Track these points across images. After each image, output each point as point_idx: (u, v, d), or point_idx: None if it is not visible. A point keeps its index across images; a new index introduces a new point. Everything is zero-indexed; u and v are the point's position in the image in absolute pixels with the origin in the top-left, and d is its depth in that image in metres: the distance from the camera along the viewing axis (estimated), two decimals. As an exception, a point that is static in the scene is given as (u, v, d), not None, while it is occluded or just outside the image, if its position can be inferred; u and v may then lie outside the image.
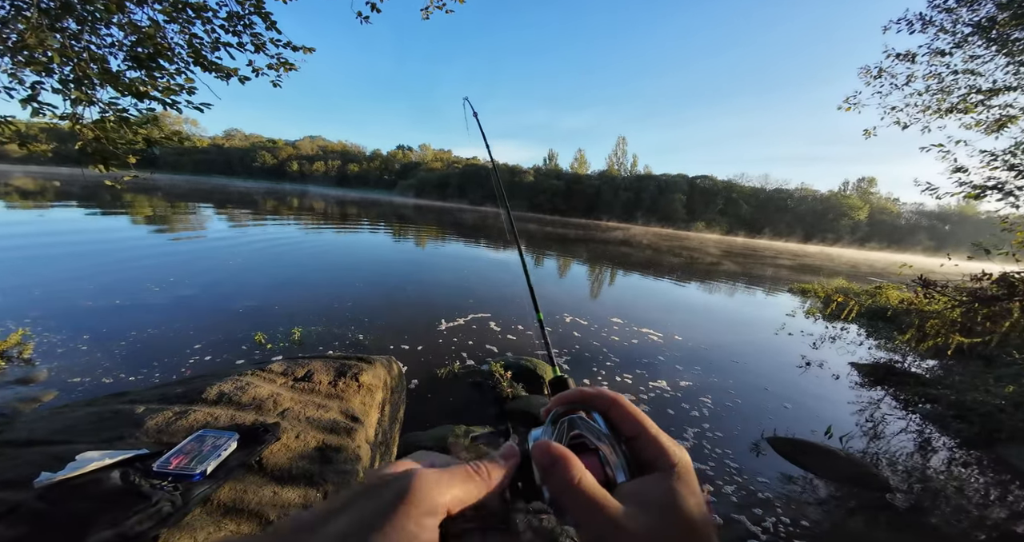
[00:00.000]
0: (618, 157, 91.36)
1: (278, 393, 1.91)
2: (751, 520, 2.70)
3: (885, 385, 5.69)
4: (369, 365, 2.35)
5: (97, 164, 2.67)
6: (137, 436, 1.52)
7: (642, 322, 7.40)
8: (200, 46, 2.76)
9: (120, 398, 1.94)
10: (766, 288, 14.41)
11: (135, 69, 2.52)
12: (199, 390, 1.88)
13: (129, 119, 2.74)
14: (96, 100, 2.46)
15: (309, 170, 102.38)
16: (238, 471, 1.40)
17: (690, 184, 79.71)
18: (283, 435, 1.62)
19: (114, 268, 7.26)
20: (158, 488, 1.19)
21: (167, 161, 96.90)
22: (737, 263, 22.85)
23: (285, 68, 3.39)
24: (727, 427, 3.93)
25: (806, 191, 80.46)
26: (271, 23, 3.05)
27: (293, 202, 34.74)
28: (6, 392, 3.26)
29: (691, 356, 5.88)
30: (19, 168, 58.72)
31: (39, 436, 1.50)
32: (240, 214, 20.26)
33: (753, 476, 3.20)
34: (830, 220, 75.96)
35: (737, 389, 4.89)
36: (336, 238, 15.24)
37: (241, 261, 8.87)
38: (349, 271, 8.97)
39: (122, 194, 24.31)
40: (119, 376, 3.65)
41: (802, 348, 7.08)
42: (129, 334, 4.48)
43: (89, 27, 2.42)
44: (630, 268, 15.66)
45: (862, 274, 23.68)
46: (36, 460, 1.32)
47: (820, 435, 3.96)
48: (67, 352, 3.98)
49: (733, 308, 10.11)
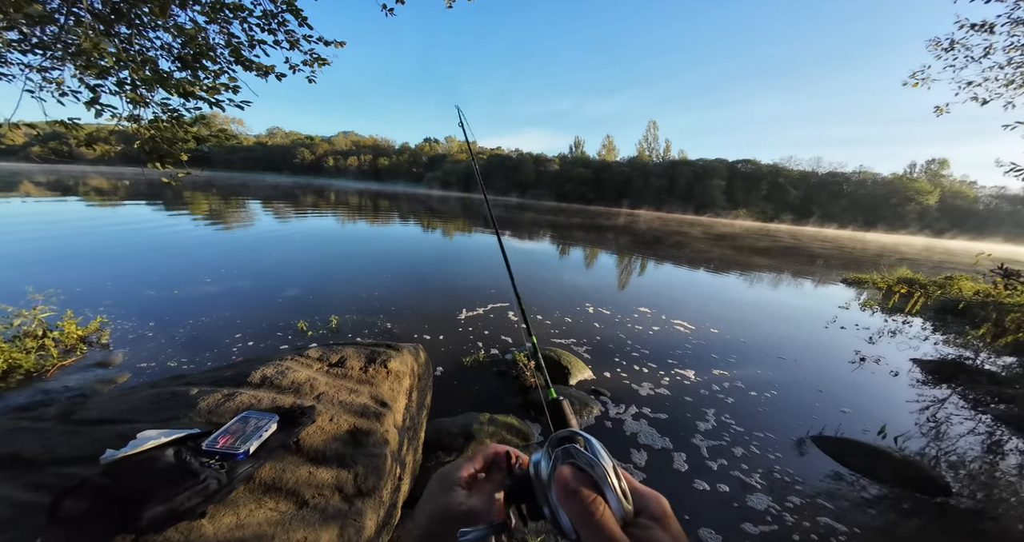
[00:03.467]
0: (649, 143, 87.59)
1: (314, 378, 2.00)
2: (792, 520, 2.56)
3: (952, 383, 5.17)
4: (397, 352, 2.41)
5: (154, 162, 2.88)
6: (190, 416, 1.64)
7: (673, 313, 7.14)
8: (238, 45, 2.87)
9: (178, 380, 2.10)
10: (815, 279, 13.44)
11: (182, 70, 2.67)
12: (245, 374, 2.00)
13: (180, 118, 2.93)
14: (150, 101, 2.63)
15: (343, 165, 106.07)
16: (278, 451, 1.47)
17: (730, 169, 75.15)
18: (318, 418, 1.69)
19: (173, 260, 7.90)
20: (206, 466, 1.28)
21: (219, 159, 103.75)
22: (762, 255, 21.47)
23: (319, 63, 3.47)
24: (768, 424, 3.73)
25: (865, 174, 73.52)
26: (303, 19, 3.11)
27: (330, 196, 36.22)
28: (87, 374, 3.62)
29: (728, 350, 5.60)
30: (92, 169, 65.15)
31: (108, 415, 1.65)
32: (281, 208, 21.41)
33: (796, 475, 3.02)
34: (893, 205, 69.27)
35: (780, 385, 4.61)
36: (365, 230, 15.75)
37: (283, 253, 9.38)
38: (379, 262, 9.27)
39: (181, 191, 26.37)
40: (180, 360, 3.98)
41: (856, 343, 6.56)
42: (187, 321, 4.87)
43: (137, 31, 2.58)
44: (651, 255, 15.12)
45: (935, 263, 21.54)
46: (104, 437, 1.45)
47: (872, 435, 3.67)
48: (137, 338, 4.38)
49: (776, 300, 9.51)
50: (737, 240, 27.88)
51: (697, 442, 3.33)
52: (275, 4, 3.02)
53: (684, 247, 19.61)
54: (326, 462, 1.51)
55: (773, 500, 2.74)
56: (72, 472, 1.32)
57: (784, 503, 2.72)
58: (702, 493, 2.75)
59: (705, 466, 3.04)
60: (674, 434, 3.42)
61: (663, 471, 2.94)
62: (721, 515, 2.57)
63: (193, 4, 2.58)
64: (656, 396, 4.07)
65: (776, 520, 2.57)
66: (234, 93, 2.77)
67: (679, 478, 2.88)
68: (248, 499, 1.28)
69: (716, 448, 3.28)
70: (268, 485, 1.35)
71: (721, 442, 3.37)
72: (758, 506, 2.67)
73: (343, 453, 1.58)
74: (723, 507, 2.65)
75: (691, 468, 3.00)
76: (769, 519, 2.57)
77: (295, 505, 1.33)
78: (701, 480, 2.87)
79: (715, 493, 2.76)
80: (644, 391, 4.13)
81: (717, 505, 2.65)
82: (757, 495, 2.77)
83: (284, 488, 1.36)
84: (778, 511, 2.64)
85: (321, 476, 1.45)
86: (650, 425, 3.52)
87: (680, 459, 3.09)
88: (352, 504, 1.43)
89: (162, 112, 2.67)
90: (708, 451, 3.23)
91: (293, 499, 1.34)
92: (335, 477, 1.47)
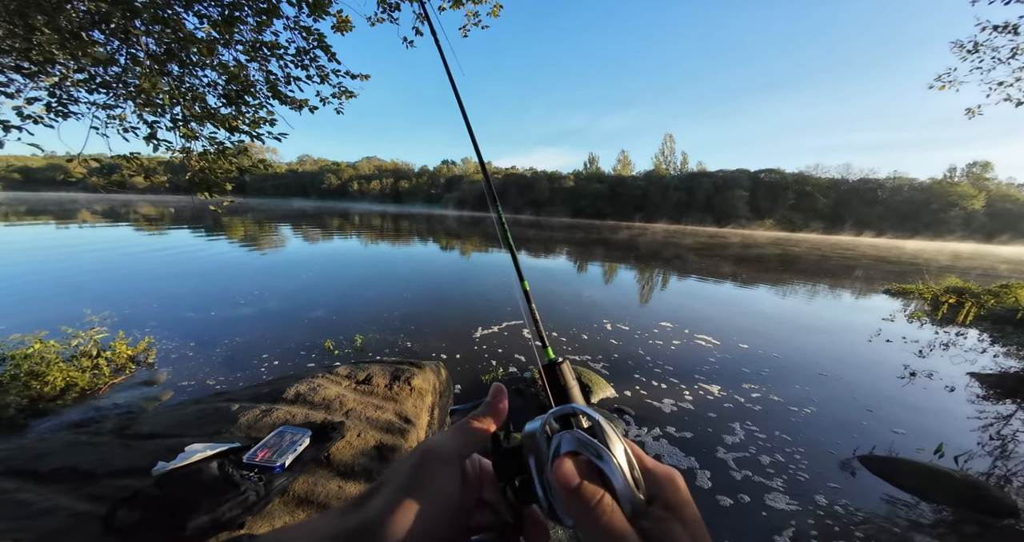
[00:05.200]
0: (665, 156, 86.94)
1: (343, 394, 2.06)
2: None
3: (1017, 398, 4.73)
4: (420, 370, 2.45)
5: (202, 191, 3.12)
6: (232, 431, 1.72)
7: (697, 328, 6.92)
8: (275, 81, 3.13)
9: (220, 397, 2.21)
10: (855, 290, 12.76)
11: (227, 106, 2.93)
12: (281, 390, 2.09)
13: (226, 150, 3.18)
14: (199, 135, 2.89)
15: (367, 189, 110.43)
16: (310, 465, 1.52)
17: (752, 179, 73.39)
18: (347, 433, 1.73)
19: (210, 283, 8.37)
20: (247, 478, 1.33)
21: (253, 187, 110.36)
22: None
23: (346, 96, 3.71)
24: (807, 443, 3.51)
25: (900, 180, 70.17)
26: (332, 55, 3.36)
27: (354, 219, 37.62)
28: (135, 392, 3.84)
29: (760, 366, 5.36)
30: (141, 197, 70.47)
31: (158, 430, 1.75)
32: (309, 231, 22.38)
33: (843, 498, 2.81)
34: (935, 211, 65.50)
35: (820, 401, 4.35)
36: (386, 251, 16.20)
37: (310, 275, 9.77)
38: (398, 282, 9.50)
39: (220, 217, 28.09)
40: (217, 378, 4.16)
41: (904, 356, 6.13)
42: (223, 341, 5.11)
43: (188, 70, 2.86)
44: (669, 269, 14.76)
45: (988, 270, 20.07)
46: (155, 451, 1.54)
47: (928, 454, 3.39)
48: (179, 357, 4.62)
49: (812, 312, 9.07)
50: (749, 249, 26.95)
51: (728, 462, 3.17)
52: (307, 41, 3.29)
53: (679, 258, 19.11)
54: (354, 476, 1.55)
55: (818, 525, 2.55)
56: (126, 484, 1.41)
57: (831, 528, 2.53)
58: (735, 515, 2.60)
59: (737, 487, 2.88)
60: (700, 451, 3.28)
61: (692, 491, 2.80)
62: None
63: (236, 44, 2.85)
64: (681, 413, 3.92)
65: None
66: (271, 126, 3.00)
67: (707, 497, 2.74)
68: (283, 511, 1.32)
69: (749, 469, 3.11)
70: (301, 498, 1.40)
71: (755, 463, 3.19)
72: (801, 532, 2.49)
73: (370, 468, 1.61)
74: (762, 534, 2.49)
75: (722, 489, 2.84)
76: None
77: (328, 519, 1.36)
78: (733, 501, 2.72)
79: (752, 517, 2.60)
80: (667, 408, 3.99)
81: (754, 531, 2.49)
82: (800, 519, 2.59)
83: (316, 501, 1.40)
84: (825, 537, 2.46)
85: (350, 490, 1.48)
86: (672, 443, 3.38)
87: (705, 477, 2.95)
88: (382, 520, 1.44)
89: (209, 145, 2.93)
90: (739, 471, 3.06)
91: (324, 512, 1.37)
92: (363, 491, 1.49)
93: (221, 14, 2.70)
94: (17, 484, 1.47)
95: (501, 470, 0.35)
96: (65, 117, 2.70)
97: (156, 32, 2.59)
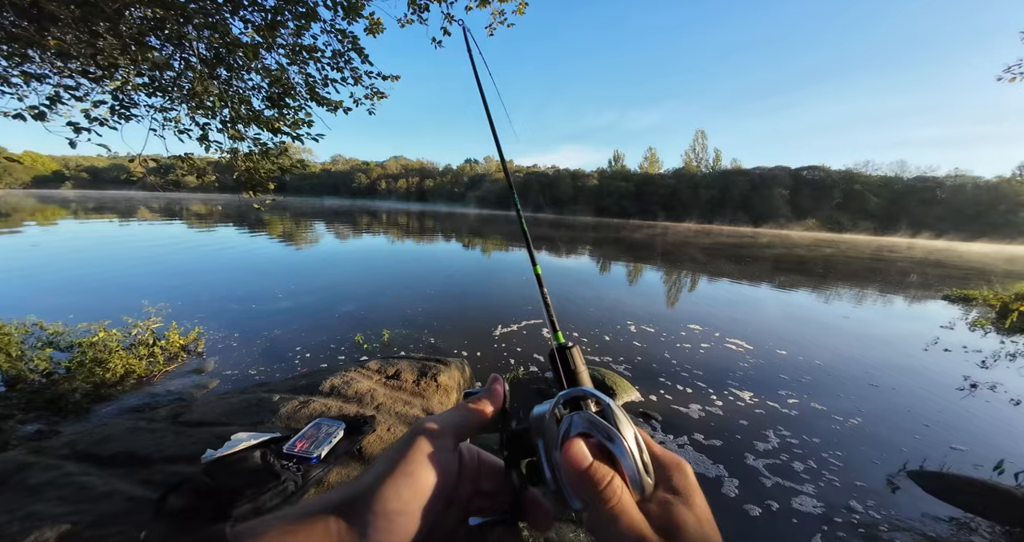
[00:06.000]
0: (697, 153, 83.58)
1: (374, 389, 2.11)
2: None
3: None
4: (445, 367, 2.48)
5: (248, 190, 3.30)
6: (272, 421, 1.80)
7: (728, 332, 6.62)
8: (313, 83, 3.25)
9: (263, 387, 2.32)
10: (908, 296, 11.84)
11: (270, 108, 3.07)
12: (317, 383, 2.17)
13: (269, 151, 3.33)
14: (245, 136, 3.05)
15: (394, 187, 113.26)
16: (344, 458, 1.57)
17: (793, 177, 69.45)
18: (378, 427, 1.78)
19: (253, 277, 8.85)
20: (286, 468, 1.39)
21: (291, 186, 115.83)
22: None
23: (378, 97, 3.80)
24: (852, 456, 3.28)
25: (963, 178, 64.36)
26: (365, 57, 3.44)
27: (382, 217, 38.65)
28: (186, 380, 4.09)
29: (800, 373, 5.06)
30: (192, 196, 75.57)
31: (208, 418, 1.86)
32: (340, 229, 23.21)
33: (892, 515, 2.62)
34: (1003, 212, 59.67)
35: (869, 413, 4.07)
36: (411, 249, 16.53)
37: (341, 272, 10.13)
38: (422, 280, 9.70)
39: (261, 214, 29.67)
40: (258, 368, 4.39)
41: (965, 367, 5.63)
42: (263, 333, 5.39)
43: (235, 74, 3.01)
44: (692, 269, 14.17)
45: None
46: (204, 438, 1.63)
47: (986, 471, 3.10)
48: (224, 347, 4.91)
49: (861, 318, 8.48)
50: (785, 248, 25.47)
51: (763, 474, 3.01)
52: (342, 44, 3.38)
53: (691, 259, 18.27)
54: (387, 472, 1.58)
55: (855, 539, 2.38)
56: (177, 470, 1.50)
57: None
58: (764, 523, 2.46)
59: (774, 502, 2.73)
60: (729, 459, 3.14)
61: (720, 501, 2.68)
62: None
63: (277, 48, 2.98)
64: (710, 418, 3.77)
65: (872, 574, 2.23)
66: (310, 127, 3.13)
67: (734, 505, 2.61)
68: (319, 503, 1.37)
69: (787, 482, 2.94)
70: (336, 491, 1.44)
71: (794, 475, 3.02)
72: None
73: (402, 464, 1.64)
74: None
75: (751, 497, 2.71)
76: (863, 572, 2.24)
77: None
78: (762, 510, 2.58)
79: (782, 526, 2.46)
80: (695, 414, 3.85)
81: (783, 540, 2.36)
82: (834, 531, 2.43)
83: (350, 495, 1.43)
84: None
85: (383, 485, 1.51)
86: (699, 450, 3.25)
87: (732, 485, 2.82)
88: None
89: (254, 146, 3.09)
90: (775, 485, 2.90)
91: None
92: (396, 487, 1.52)
93: (264, 19, 2.82)
94: (81, 467, 1.58)
95: (509, 451, 0.35)
96: (127, 120, 2.90)
97: (207, 37, 2.74)
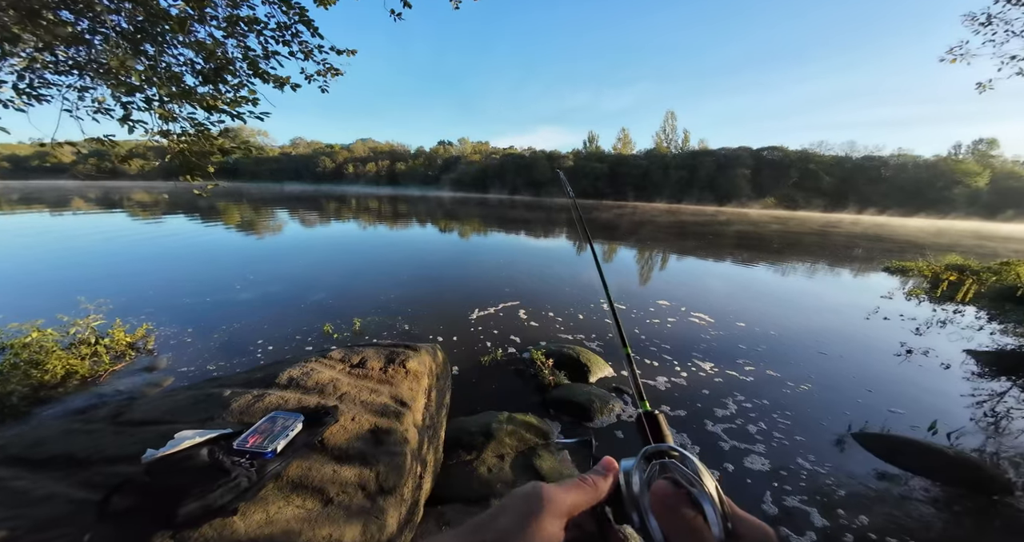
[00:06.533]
0: (667, 134, 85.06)
1: (337, 378, 2.05)
2: (835, 524, 2.43)
3: (1013, 375, 4.78)
4: (415, 353, 2.44)
5: (184, 175, 3.03)
6: (224, 417, 1.71)
7: (695, 306, 6.95)
8: (255, 58, 2.98)
9: (213, 382, 2.20)
10: (854, 269, 12.74)
11: (204, 84, 2.80)
12: (274, 375, 2.08)
13: (206, 131, 3.07)
14: (178, 116, 2.78)
15: (363, 171, 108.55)
16: (303, 450, 1.52)
17: (755, 157, 72.14)
18: (341, 417, 1.73)
19: (206, 268, 8.34)
20: (238, 464, 1.33)
21: (246, 171, 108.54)
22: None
23: (332, 73, 3.56)
24: (803, 421, 3.56)
25: (905, 157, 69.05)
26: (315, 30, 3.19)
27: (351, 202, 37.23)
28: (136, 378, 3.86)
29: (757, 343, 5.39)
30: (134, 184, 69.58)
31: (151, 417, 1.75)
32: (305, 215, 22.18)
33: (836, 475, 2.87)
34: (939, 189, 64.75)
35: (816, 379, 4.40)
36: (384, 235, 16.09)
37: (308, 260, 9.73)
38: (395, 265, 9.46)
39: (215, 203, 27.78)
40: (217, 363, 4.18)
41: (902, 334, 6.17)
42: (221, 327, 5.12)
43: (162, 49, 2.72)
44: (651, 247, 14.70)
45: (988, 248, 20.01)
46: (147, 438, 1.53)
47: (922, 432, 3.44)
48: (178, 343, 4.63)
49: (810, 291, 9.07)
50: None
51: (721, 439, 3.22)
52: (288, 16, 3.12)
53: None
54: (349, 460, 1.55)
55: (812, 502, 2.61)
56: (118, 471, 1.40)
57: (825, 505, 2.59)
58: (727, 491, 2.65)
59: (730, 464, 2.94)
60: (692, 428, 3.34)
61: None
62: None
63: (211, 19, 2.70)
64: (675, 389, 3.97)
65: (817, 525, 2.45)
66: (254, 105, 2.88)
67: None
68: (277, 496, 1.33)
69: (743, 444, 3.16)
70: (295, 483, 1.40)
71: (749, 438, 3.24)
72: (795, 510, 2.55)
73: (365, 452, 1.61)
74: (753, 511, 2.54)
75: (711, 462, 2.90)
76: (809, 523, 2.45)
77: (321, 502, 1.36)
78: (720, 473, 2.77)
79: (743, 496, 2.66)
80: (662, 386, 4.04)
81: (746, 509, 2.55)
82: (793, 497, 2.65)
83: (310, 486, 1.40)
84: (819, 514, 2.52)
85: (345, 474, 1.48)
86: (669, 423, 3.43)
87: (694, 454, 3.00)
88: (375, 502, 1.45)
89: (190, 126, 2.82)
90: (732, 448, 3.12)
91: (319, 497, 1.38)
92: (358, 475, 1.50)
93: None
94: (13, 472, 1.47)
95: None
96: (39, 100, 2.58)
97: (127, 9, 2.44)
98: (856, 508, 2.57)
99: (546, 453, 2.77)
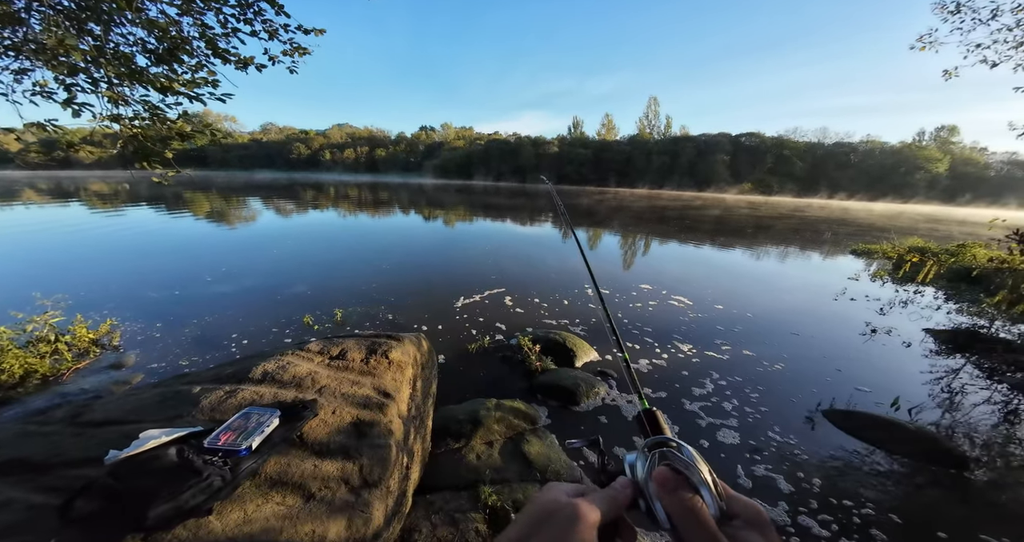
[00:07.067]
0: (650, 120, 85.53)
1: (315, 371, 1.99)
2: (802, 496, 2.56)
3: (966, 353, 5.11)
4: (398, 342, 2.40)
5: (140, 162, 2.83)
6: (194, 414, 1.64)
7: (676, 289, 7.12)
8: (214, 37, 2.77)
9: (182, 379, 2.11)
10: (824, 251, 13.24)
11: (157, 65, 2.59)
12: (247, 370, 2.00)
13: (162, 115, 2.86)
14: (129, 98, 2.57)
15: (340, 158, 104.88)
16: (281, 446, 1.47)
17: (734, 143, 73.48)
18: (321, 411, 1.69)
19: (173, 261, 7.96)
20: (209, 463, 1.28)
21: (215, 158, 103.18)
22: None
23: (299, 53, 3.35)
24: (774, 398, 3.72)
25: (873, 143, 71.67)
26: (279, 8, 2.99)
27: (329, 190, 36.07)
28: (102, 376, 3.67)
29: (733, 324, 5.57)
30: (89, 173, 65.28)
31: (113, 416, 1.66)
32: (279, 204, 21.37)
33: (805, 449, 3.02)
34: (902, 174, 67.72)
35: (787, 358, 4.59)
36: (364, 223, 15.71)
37: (283, 250, 9.40)
38: (377, 254, 9.28)
39: (182, 192, 26.38)
40: (190, 358, 4.02)
41: (867, 314, 6.48)
42: (192, 321, 4.91)
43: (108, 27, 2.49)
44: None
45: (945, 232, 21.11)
46: (110, 439, 1.46)
47: (885, 407, 3.65)
48: (146, 339, 4.43)
49: (782, 273, 9.40)
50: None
51: (699, 416, 3.34)
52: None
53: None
54: (331, 455, 1.52)
55: (783, 475, 2.74)
56: (81, 474, 1.33)
57: (794, 478, 2.73)
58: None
59: (706, 440, 3.05)
60: (671, 409, 3.45)
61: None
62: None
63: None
64: (655, 371, 4.07)
65: (786, 496, 2.58)
66: (214, 87, 2.69)
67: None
68: (255, 494, 1.29)
69: (718, 420, 3.29)
70: (274, 480, 1.36)
71: (724, 415, 3.37)
72: (767, 482, 2.68)
73: (347, 445, 1.58)
74: (727, 482, 2.66)
75: (690, 442, 3.00)
76: (779, 494, 2.58)
77: (302, 498, 1.33)
78: (704, 454, 2.88)
79: (718, 468, 2.77)
80: (643, 368, 4.14)
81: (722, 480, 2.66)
82: (764, 470, 2.78)
83: (290, 482, 1.36)
84: (788, 486, 2.65)
85: (326, 469, 1.45)
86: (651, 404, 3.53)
87: (674, 433, 3.10)
88: (359, 495, 1.43)
89: (143, 109, 2.61)
90: (708, 424, 3.24)
91: (299, 492, 1.34)
92: (340, 469, 1.47)
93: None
94: (-36, 479, 1.38)
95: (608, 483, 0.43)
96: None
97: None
98: (822, 478, 2.72)
99: (534, 438, 2.80)
